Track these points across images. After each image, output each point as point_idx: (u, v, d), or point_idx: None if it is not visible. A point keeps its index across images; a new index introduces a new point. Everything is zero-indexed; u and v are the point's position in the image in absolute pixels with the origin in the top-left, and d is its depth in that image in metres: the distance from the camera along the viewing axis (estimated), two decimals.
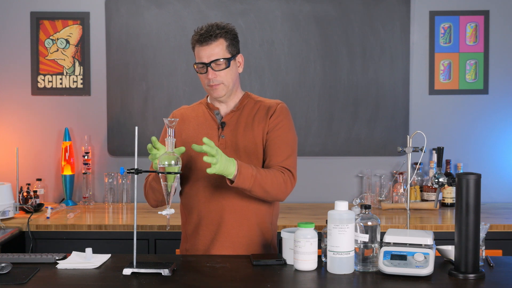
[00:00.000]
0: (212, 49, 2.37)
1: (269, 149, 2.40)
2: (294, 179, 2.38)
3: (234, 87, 2.45)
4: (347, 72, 3.97)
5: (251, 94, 2.53)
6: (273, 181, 2.30)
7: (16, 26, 3.96)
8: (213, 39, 2.37)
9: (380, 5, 3.94)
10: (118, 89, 3.98)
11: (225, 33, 2.39)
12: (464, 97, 3.98)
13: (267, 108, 2.45)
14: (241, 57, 2.47)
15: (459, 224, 2.06)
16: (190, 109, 2.54)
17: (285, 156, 2.39)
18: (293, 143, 2.44)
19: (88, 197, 3.89)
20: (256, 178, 2.25)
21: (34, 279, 2.04)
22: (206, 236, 2.43)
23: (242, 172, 2.22)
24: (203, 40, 2.37)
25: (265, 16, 3.95)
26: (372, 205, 3.77)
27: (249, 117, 2.44)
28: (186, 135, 2.47)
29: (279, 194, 2.35)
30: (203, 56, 2.38)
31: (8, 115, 3.98)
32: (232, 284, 1.99)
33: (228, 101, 2.47)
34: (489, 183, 3.83)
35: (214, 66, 2.37)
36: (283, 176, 2.33)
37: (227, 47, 2.39)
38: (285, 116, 2.44)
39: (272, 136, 2.41)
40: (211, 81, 2.38)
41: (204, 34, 2.37)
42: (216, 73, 2.38)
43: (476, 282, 2.01)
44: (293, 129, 2.47)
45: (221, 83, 2.39)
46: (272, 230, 2.49)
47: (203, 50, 2.38)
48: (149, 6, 3.95)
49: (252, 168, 2.26)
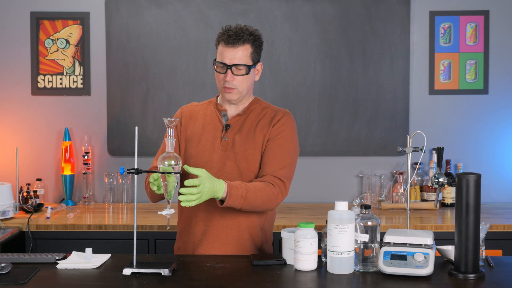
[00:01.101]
0: (236, 52, 2.36)
1: (266, 157, 2.40)
2: (286, 191, 2.38)
3: (248, 93, 2.46)
4: (347, 72, 3.97)
5: (261, 99, 2.53)
6: (263, 198, 2.31)
7: (16, 26, 3.96)
8: (241, 43, 2.35)
9: (380, 5, 3.94)
10: (118, 89, 3.98)
11: (252, 40, 2.38)
12: (464, 97, 3.98)
13: (272, 116, 2.45)
14: (260, 66, 2.46)
15: (459, 224, 2.06)
16: (199, 106, 2.54)
17: (281, 166, 2.38)
18: (292, 154, 2.43)
19: (88, 197, 3.89)
20: (245, 198, 2.26)
21: (34, 279, 2.04)
22: (196, 235, 2.43)
23: (232, 194, 2.23)
24: (230, 41, 2.35)
25: (265, 16, 3.95)
26: (372, 205, 3.77)
27: (254, 123, 2.44)
28: (191, 132, 2.48)
29: (268, 207, 2.38)
30: (226, 57, 2.37)
31: (8, 115, 3.98)
32: (232, 284, 1.99)
33: (237, 105, 2.48)
34: (489, 183, 3.83)
35: (235, 70, 2.37)
36: (273, 189, 2.33)
37: (251, 54, 2.39)
38: (288, 127, 2.44)
39: (272, 144, 2.40)
40: (227, 83, 2.38)
41: (233, 36, 2.35)
42: (234, 77, 2.37)
43: (476, 282, 2.01)
44: (295, 140, 2.46)
45: (236, 88, 2.39)
46: (262, 236, 2.48)
47: (227, 51, 2.36)
48: (149, 6, 3.95)
49: (242, 188, 2.25)
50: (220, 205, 2.25)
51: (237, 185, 2.25)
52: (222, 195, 2.21)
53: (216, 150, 2.42)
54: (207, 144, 2.44)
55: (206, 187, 2.14)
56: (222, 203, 2.25)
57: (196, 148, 2.44)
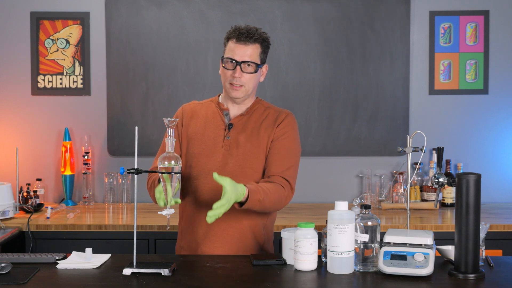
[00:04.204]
0: (247, 49, 2.39)
1: (272, 157, 2.42)
2: (292, 192, 2.42)
3: (252, 93, 2.48)
4: (347, 72, 3.97)
5: (262, 100, 2.55)
6: (275, 201, 2.34)
7: (16, 26, 3.96)
8: (252, 41, 2.39)
9: (380, 5, 3.94)
10: (118, 89, 3.98)
11: (262, 40, 2.43)
12: (464, 97, 3.98)
13: (276, 117, 2.47)
14: (266, 67, 2.50)
15: (459, 224, 2.06)
16: (200, 105, 2.55)
17: (287, 166, 2.41)
18: (296, 154, 2.47)
19: (88, 197, 3.89)
20: (262, 202, 2.28)
21: (34, 279, 2.04)
22: (199, 234, 2.44)
23: (252, 198, 2.25)
24: (243, 39, 2.39)
25: (265, 16, 3.95)
26: (372, 205, 3.77)
27: (257, 123, 2.46)
28: (193, 131, 2.48)
29: (277, 208, 2.42)
30: (237, 54, 2.39)
31: (8, 115, 3.98)
32: (232, 284, 1.99)
33: (240, 104, 2.49)
34: (489, 183, 3.83)
35: (244, 67, 2.40)
36: (283, 191, 2.37)
37: (260, 54, 2.43)
38: (292, 127, 2.47)
39: (277, 145, 2.43)
40: (235, 79, 2.40)
41: (245, 34, 2.39)
42: (243, 74, 2.40)
43: (476, 282, 2.01)
44: (298, 141, 2.49)
45: (243, 86, 2.41)
46: (265, 234, 2.49)
47: (239, 47, 2.39)
48: (149, 6, 3.95)
49: (260, 192, 2.28)
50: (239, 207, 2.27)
51: (255, 188, 2.27)
52: (242, 199, 2.24)
53: (218, 149, 2.43)
54: (209, 143, 2.44)
55: (232, 200, 2.17)
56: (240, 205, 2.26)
57: (199, 147, 2.45)
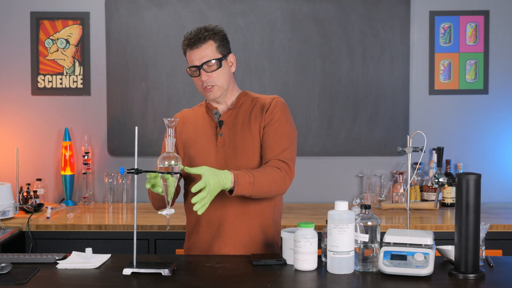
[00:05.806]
0: (202, 51, 2.40)
1: (266, 143, 2.42)
2: (292, 172, 2.40)
3: (229, 86, 2.47)
4: (347, 72, 3.97)
5: (249, 92, 2.55)
6: (270, 182, 2.32)
7: (16, 26, 3.96)
8: (202, 41, 2.40)
9: (380, 5, 3.94)
10: (118, 89, 3.98)
11: (213, 35, 2.42)
12: (464, 97, 3.98)
13: (262, 104, 2.47)
14: (232, 57, 2.49)
15: (459, 224, 2.06)
16: (191, 111, 2.58)
17: (282, 148, 2.40)
18: (290, 135, 2.45)
19: (88, 197, 3.89)
20: (254, 184, 2.26)
21: (34, 279, 2.04)
22: (207, 234, 2.44)
23: (240, 182, 2.23)
24: (193, 44, 2.41)
25: (265, 16, 3.95)
26: (372, 205, 3.77)
27: (246, 115, 2.46)
28: (186, 136, 2.50)
29: (279, 191, 2.39)
30: (195, 59, 2.41)
31: (8, 115, 3.98)
32: (232, 284, 1.99)
33: (225, 101, 2.50)
34: (489, 183, 3.83)
35: (206, 68, 2.40)
36: (279, 172, 2.35)
37: (217, 48, 2.42)
38: (280, 109, 2.45)
39: (268, 130, 2.42)
40: (204, 83, 2.41)
41: (193, 38, 2.41)
42: (208, 75, 2.40)
43: (476, 282, 2.01)
44: (290, 122, 2.47)
45: (215, 85, 2.42)
46: (274, 228, 2.49)
47: (193, 53, 2.41)
48: (149, 6, 3.95)
49: (249, 175, 2.26)
50: (230, 195, 2.26)
51: (243, 173, 2.26)
52: (230, 185, 2.22)
53: (214, 148, 2.44)
54: (204, 144, 2.45)
55: (212, 184, 2.15)
56: (231, 193, 2.25)
57: (195, 149, 2.46)
